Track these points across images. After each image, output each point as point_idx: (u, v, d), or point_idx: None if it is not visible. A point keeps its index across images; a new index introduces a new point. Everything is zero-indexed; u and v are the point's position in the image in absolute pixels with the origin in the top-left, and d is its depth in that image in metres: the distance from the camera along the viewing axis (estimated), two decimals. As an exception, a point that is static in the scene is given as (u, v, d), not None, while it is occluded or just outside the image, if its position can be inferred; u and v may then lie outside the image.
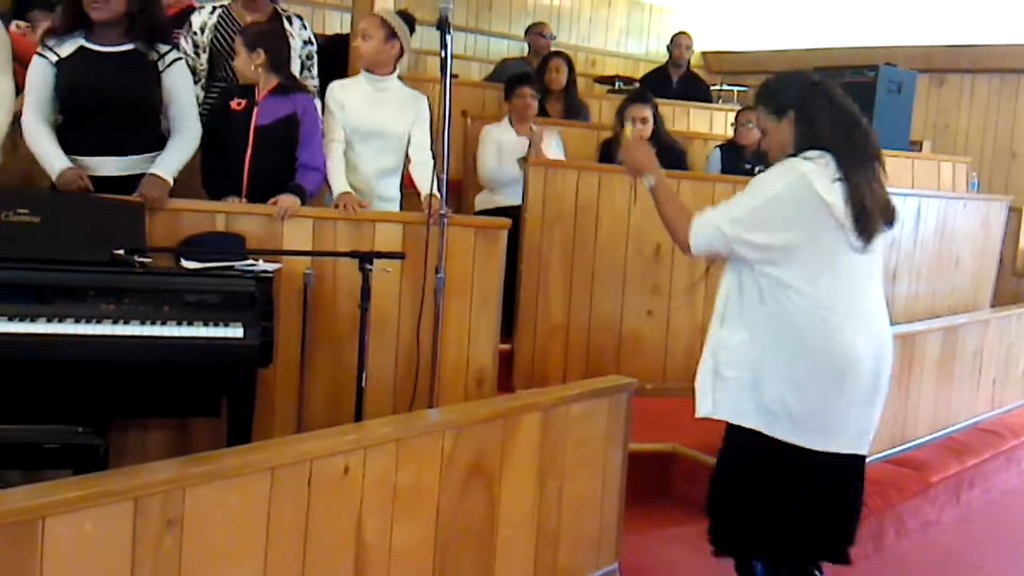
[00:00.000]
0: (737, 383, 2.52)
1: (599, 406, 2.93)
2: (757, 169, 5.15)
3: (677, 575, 3.19)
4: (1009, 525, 4.33)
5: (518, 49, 8.14)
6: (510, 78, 5.42)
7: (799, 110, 2.53)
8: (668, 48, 7.53)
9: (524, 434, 2.66)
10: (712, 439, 3.81)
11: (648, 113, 5.03)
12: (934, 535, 4.09)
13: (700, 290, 4.61)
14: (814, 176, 2.43)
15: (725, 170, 5.49)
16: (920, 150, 7.98)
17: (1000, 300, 6.15)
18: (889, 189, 2.59)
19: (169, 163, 3.30)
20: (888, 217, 2.56)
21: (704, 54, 9.98)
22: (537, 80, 5.53)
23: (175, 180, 3.31)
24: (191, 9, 4.21)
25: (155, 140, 3.37)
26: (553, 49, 6.81)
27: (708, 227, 2.53)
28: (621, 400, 2.99)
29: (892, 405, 4.42)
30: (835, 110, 2.52)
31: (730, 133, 5.92)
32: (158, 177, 3.23)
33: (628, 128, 2.62)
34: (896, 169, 6.72)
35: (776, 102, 2.59)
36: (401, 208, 3.97)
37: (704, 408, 2.60)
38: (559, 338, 4.48)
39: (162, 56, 3.32)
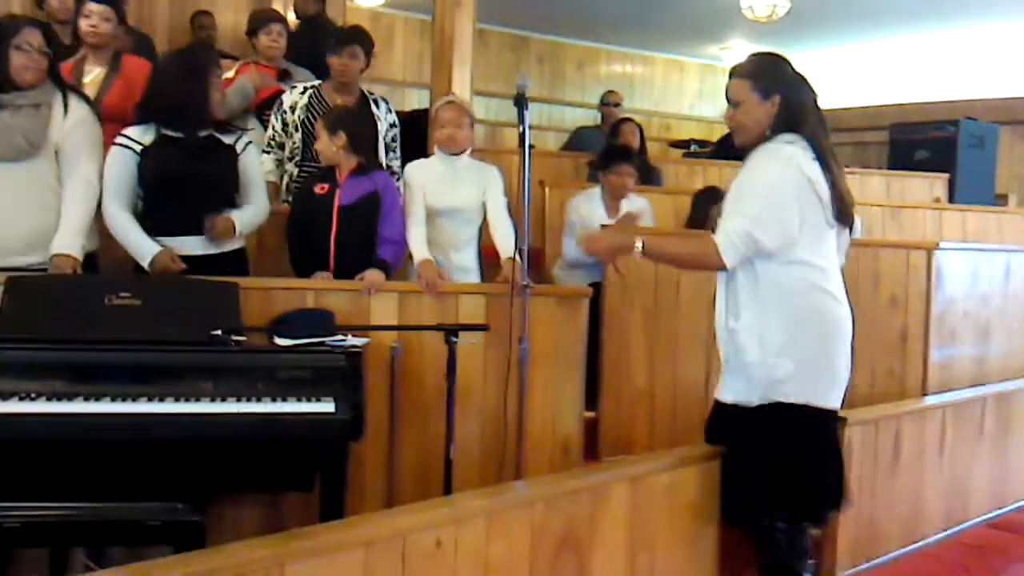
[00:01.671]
0: (750, 365, 2.71)
1: (688, 475, 2.90)
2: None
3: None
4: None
5: (591, 118, 8.25)
6: (609, 151, 5.35)
7: (787, 95, 2.72)
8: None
9: (613, 504, 2.65)
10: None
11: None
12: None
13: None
14: (800, 158, 2.66)
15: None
16: (1006, 204, 7.81)
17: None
18: (977, 245, 2.70)
19: (240, 215, 3.47)
20: (853, 202, 2.79)
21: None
22: (633, 156, 5.37)
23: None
24: (281, 92, 4.40)
25: None
26: (624, 116, 6.89)
27: (734, 236, 2.64)
28: (711, 469, 2.96)
29: (990, 466, 4.29)
30: (814, 101, 2.76)
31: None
32: (226, 217, 3.41)
33: (580, 233, 2.67)
34: (983, 224, 6.59)
35: (766, 83, 2.73)
36: (482, 278, 4.03)
37: (723, 394, 2.85)
38: (644, 405, 4.45)
39: (237, 140, 3.50)
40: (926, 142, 7.58)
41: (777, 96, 2.72)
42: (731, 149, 7.19)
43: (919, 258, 4.65)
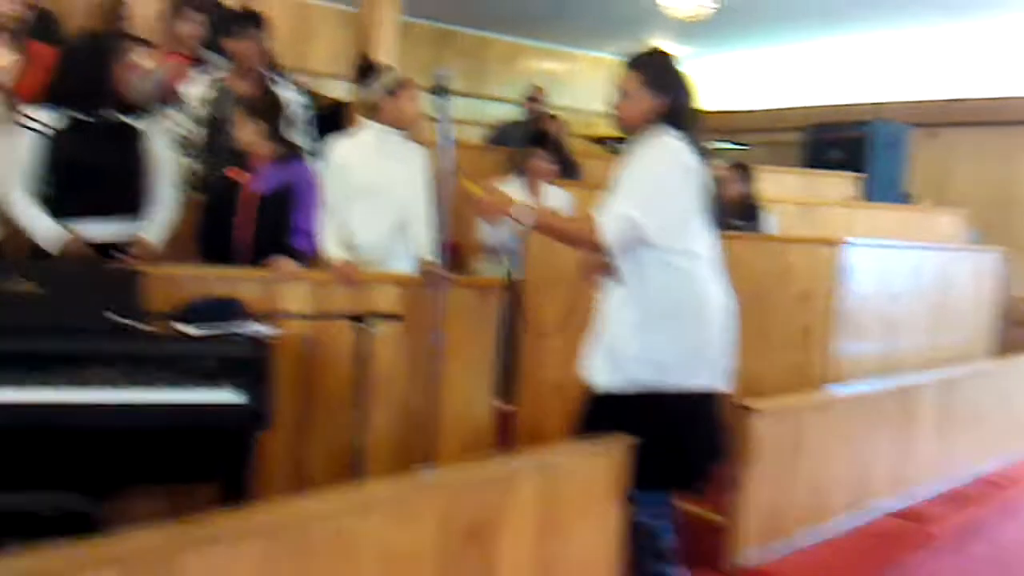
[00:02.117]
0: (629, 353, 2.77)
1: (598, 464, 2.92)
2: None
3: (679, 634, 3.14)
4: (1015, 577, 4.28)
5: (515, 113, 8.26)
6: (528, 138, 5.41)
7: (675, 97, 2.79)
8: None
9: (522, 493, 2.65)
10: (714, 494, 3.81)
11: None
12: (939, 589, 4.05)
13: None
14: (685, 152, 2.74)
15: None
16: (914, 203, 8.05)
17: (1002, 350, 6.15)
18: (885, 242, 2.81)
19: (151, 228, 3.42)
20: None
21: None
22: (550, 143, 5.44)
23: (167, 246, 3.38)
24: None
25: (137, 205, 3.45)
26: (547, 111, 6.93)
27: (615, 217, 2.68)
28: (620, 456, 2.98)
29: (893, 457, 4.42)
30: (696, 107, 2.84)
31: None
32: (146, 242, 3.35)
33: (466, 182, 2.60)
34: (892, 222, 6.78)
35: (660, 82, 2.80)
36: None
37: (598, 382, 2.87)
38: (559, 397, 4.47)
39: (148, 126, 3.44)
40: (840, 142, 7.78)
41: (667, 97, 2.79)
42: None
43: (828, 254, 4.76)
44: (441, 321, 3.38)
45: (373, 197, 3.84)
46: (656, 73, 2.83)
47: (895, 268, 5.12)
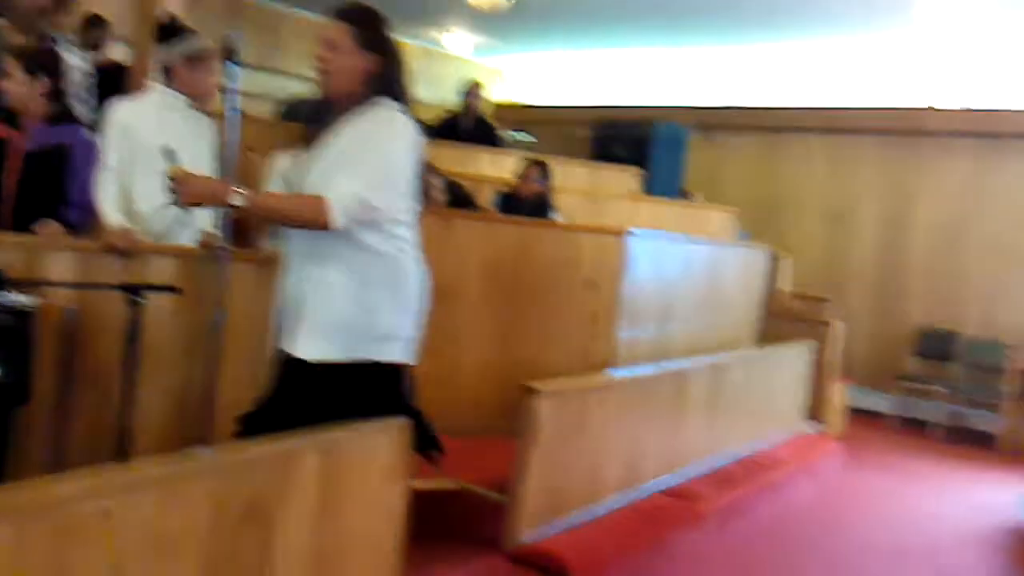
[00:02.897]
0: (346, 322, 2.66)
1: (381, 442, 2.89)
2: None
3: (458, 612, 3.17)
4: (771, 553, 4.60)
5: (307, 89, 8.04)
6: (318, 108, 5.30)
7: (386, 59, 2.67)
8: (463, 95, 7.68)
9: (303, 473, 2.58)
10: (497, 475, 3.87)
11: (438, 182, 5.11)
12: (703, 563, 4.29)
13: (487, 327, 4.67)
14: (411, 125, 2.66)
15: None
16: (691, 199, 8.50)
17: (764, 340, 6.59)
18: (665, 234, 2.88)
19: None
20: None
21: (497, 105, 10.24)
22: None
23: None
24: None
25: None
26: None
27: (347, 198, 2.54)
28: (403, 436, 2.96)
29: (665, 439, 4.64)
30: (406, 79, 2.74)
31: (513, 178, 6.07)
32: None
33: (172, 167, 2.52)
34: (670, 216, 7.12)
35: (369, 37, 2.66)
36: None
37: (308, 352, 2.69)
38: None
39: None
40: (625, 139, 8.10)
41: (376, 55, 2.65)
42: (451, 131, 7.36)
43: (612, 243, 4.95)
44: (222, 296, 3.24)
45: (156, 164, 3.62)
46: (368, 30, 2.67)
47: (671, 259, 5.39)
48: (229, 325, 3.33)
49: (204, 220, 3.54)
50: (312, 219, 2.57)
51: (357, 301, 2.66)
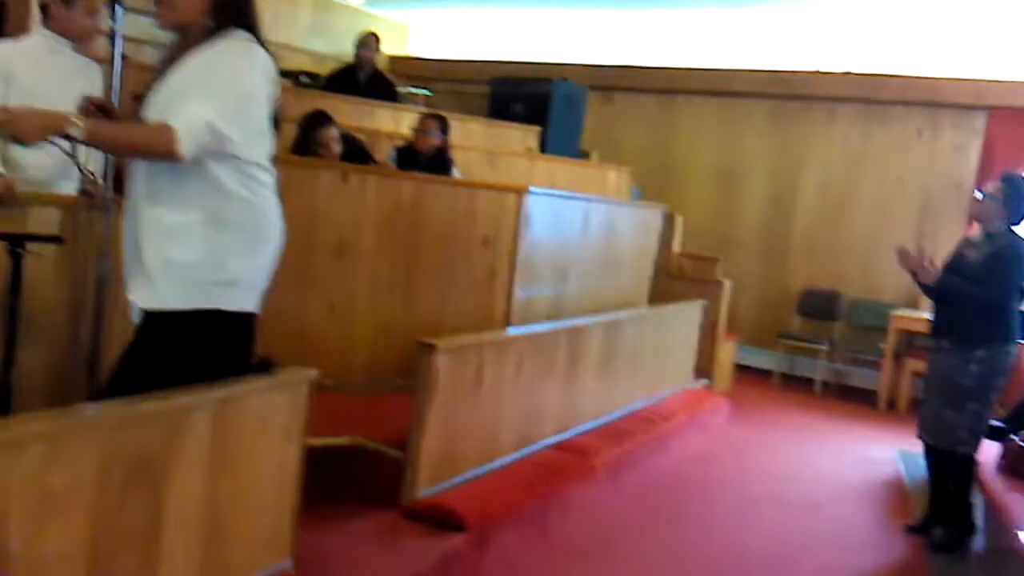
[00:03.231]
0: (191, 267, 2.46)
1: (277, 399, 2.85)
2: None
3: (352, 567, 3.17)
4: (660, 504, 4.74)
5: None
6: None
7: None
8: (356, 47, 7.52)
9: (194, 430, 2.53)
10: (393, 432, 3.87)
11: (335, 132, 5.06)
12: (596, 515, 4.39)
13: (384, 284, 4.63)
14: (266, 57, 2.50)
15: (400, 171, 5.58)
16: (589, 159, 8.57)
17: (657, 299, 6.72)
18: (562, 192, 2.80)
19: None
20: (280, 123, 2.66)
21: (392, 58, 10.09)
22: None
23: None
24: None
25: None
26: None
27: (196, 126, 2.34)
28: (299, 393, 2.93)
29: (560, 395, 4.71)
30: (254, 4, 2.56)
31: (411, 134, 6.00)
32: None
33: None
34: (567, 175, 7.17)
35: None
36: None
37: (150, 300, 2.51)
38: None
39: None
40: (523, 97, 8.08)
41: None
42: (346, 84, 7.21)
43: (510, 201, 4.95)
44: (108, 247, 3.12)
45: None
46: None
47: (568, 218, 5.43)
48: (115, 277, 3.22)
49: (89, 169, 3.39)
50: (158, 148, 2.36)
51: (205, 245, 2.46)
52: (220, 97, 2.39)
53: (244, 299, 2.59)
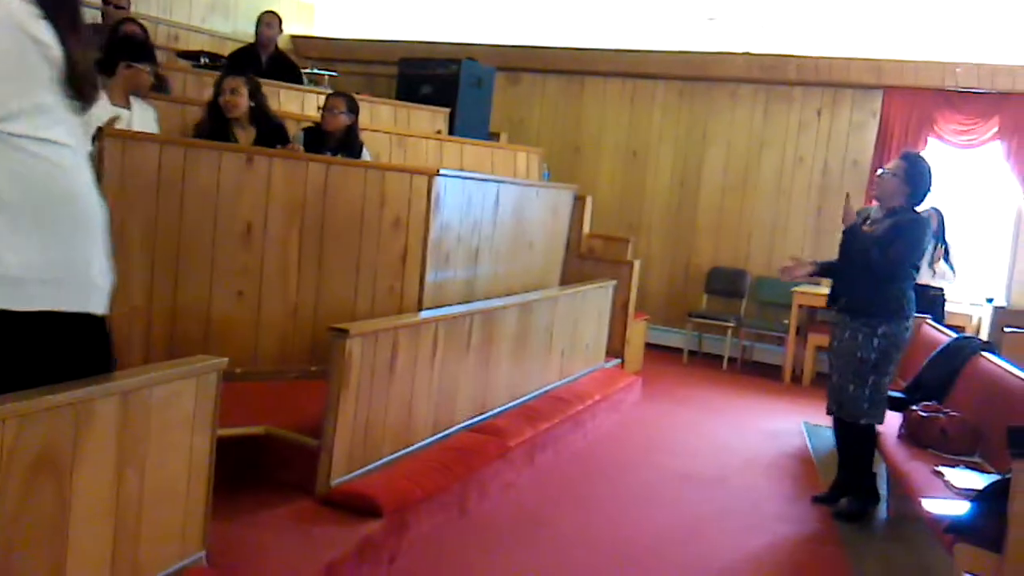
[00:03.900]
0: None
1: (185, 388, 2.77)
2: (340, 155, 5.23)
3: (266, 558, 3.11)
4: (576, 482, 4.78)
5: (89, 16, 7.50)
6: (128, 44, 5.08)
7: None
8: (256, 27, 7.34)
9: (100, 421, 2.44)
10: (307, 419, 3.81)
11: (239, 84, 5.06)
12: (513, 495, 4.41)
13: (293, 269, 4.55)
14: (19, 12, 2.04)
15: (308, 151, 5.49)
16: (498, 140, 8.55)
17: (567, 279, 6.77)
18: (472, 174, 2.71)
19: None
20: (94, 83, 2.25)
21: (293, 38, 9.89)
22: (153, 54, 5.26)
23: None
24: None
25: None
26: (128, 16, 6.41)
27: None
28: (208, 381, 2.86)
29: (474, 377, 4.70)
30: None
31: (318, 116, 5.90)
32: None
33: None
34: (477, 157, 7.14)
35: None
36: None
37: None
38: (140, 323, 4.19)
39: None
40: (431, 78, 8.01)
41: None
42: (247, 64, 7.04)
43: (421, 183, 4.91)
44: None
45: None
46: None
47: (479, 200, 5.41)
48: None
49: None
50: None
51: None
52: None
53: (61, 298, 2.20)
